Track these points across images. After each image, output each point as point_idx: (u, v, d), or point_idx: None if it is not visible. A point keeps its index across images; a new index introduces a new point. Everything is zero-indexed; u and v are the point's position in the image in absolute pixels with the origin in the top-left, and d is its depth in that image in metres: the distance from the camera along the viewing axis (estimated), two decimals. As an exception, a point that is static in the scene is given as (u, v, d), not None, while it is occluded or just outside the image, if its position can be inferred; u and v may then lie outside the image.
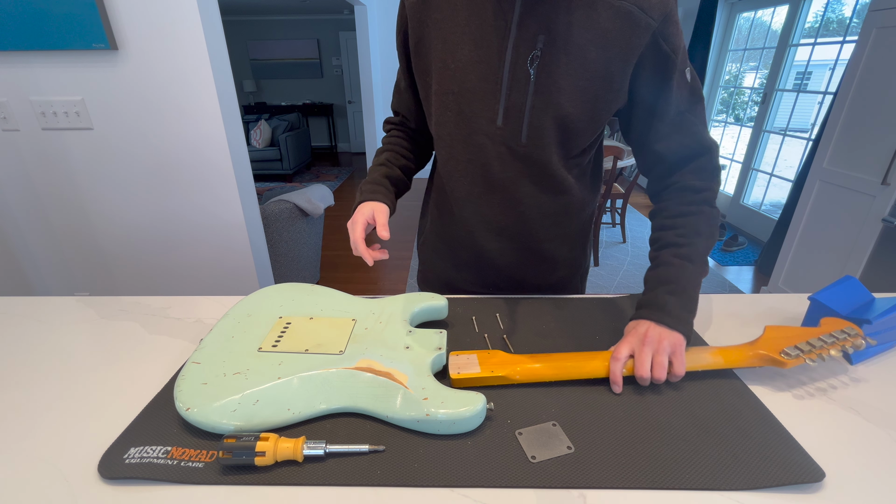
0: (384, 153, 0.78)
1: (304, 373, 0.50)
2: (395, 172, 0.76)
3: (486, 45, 0.60)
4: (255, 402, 0.47)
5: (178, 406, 0.47)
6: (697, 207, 0.62)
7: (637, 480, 0.42)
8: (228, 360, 0.53)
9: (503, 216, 0.72)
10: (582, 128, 0.63)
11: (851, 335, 0.55)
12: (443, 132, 0.69)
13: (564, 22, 0.57)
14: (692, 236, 0.61)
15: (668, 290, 0.58)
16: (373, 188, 0.71)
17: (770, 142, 3.47)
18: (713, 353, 0.56)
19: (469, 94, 0.63)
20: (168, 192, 1.50)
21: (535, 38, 0.58)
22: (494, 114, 0.63)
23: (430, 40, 0.63)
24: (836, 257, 2.06)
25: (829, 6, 2.99)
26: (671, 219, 0.63)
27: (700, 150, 0.63)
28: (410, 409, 0.47)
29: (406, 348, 0.55)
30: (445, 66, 0.63)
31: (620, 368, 0.53)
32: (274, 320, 0.61)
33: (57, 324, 0.70)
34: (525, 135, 0.63)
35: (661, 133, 0.63)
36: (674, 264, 0.59)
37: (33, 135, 1.40)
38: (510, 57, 0.59)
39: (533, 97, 0.60)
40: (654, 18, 0.56)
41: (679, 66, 0.60)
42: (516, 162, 0.66)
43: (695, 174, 0.64)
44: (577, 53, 0.58)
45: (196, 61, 1.31)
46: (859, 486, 0.42)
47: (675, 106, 0.62)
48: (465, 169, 0.70)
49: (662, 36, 0.57)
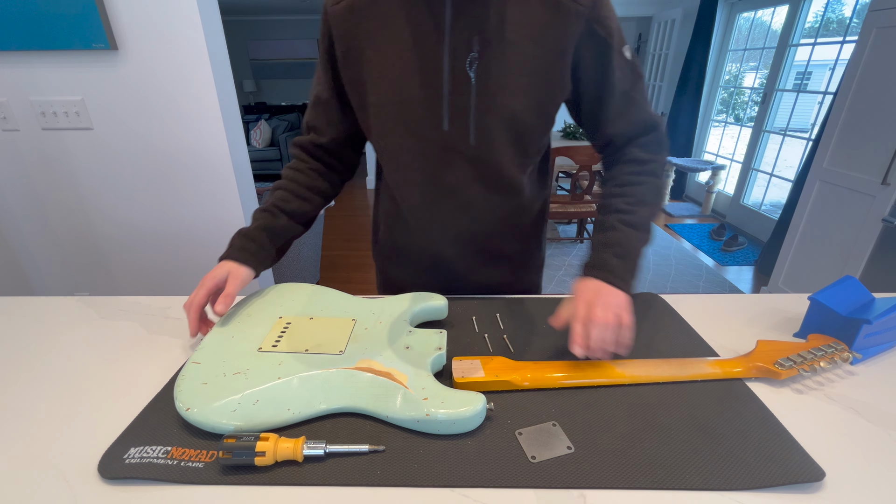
0: (277, 191, 0.71)
1: (304, 373, 0.50)
2: (280, 221, 0.69)
3: (422, 51, 0.59)
4: (255, 403, 0.47)
5: (178, 406, 0.47)
6: (645, 178, 0.66)
7: (637, 480, 0.42)
8: (228, 360, 0.53)
9: (457, 221, 0.72)
10: (531, 124, 0.64)
11: (838, 349, 0.57)
12: (387, 143, 0.67)
13: (497, 20, 0.57)
14: (638, 205, 0.63)
15: (614, 252, 0.60)
16: (243, 243, 0.65)
17: (770, 142, 3.47)
18: (710, 365, 0.57)
19: (411, 103, 0.62)
20: (168, 191, 1.50)
21: (469, 39, 0.58)
22: (439, 119, 0.62)
23: (362, 51, 0.61)
24: (836, 257, 2.06)
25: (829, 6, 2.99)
26: (620, 187, 0.66)
27: (647, 128, 0.67)
28: (410, 409, 0.47)
29: (406, 348, 0.55)
30: (382, 75, 0.61)
31: (584, 331, 0.53)
32: (274, 320, 0.61)
33: (57, 324, 0.70)
34: (473, 137, 0.63)
35: (609, 116, 0.65)
36: (620, 230, 0.62)
37: (33, 135, 1.40)
38: (448, 61, 0.59)
39: (476, 99, 0.60)
40: (583, 5, 0.57)
41: (616, 47, 0.61)
42: (466, 166, 0.66)
43: (642, 147, 0.67)
44: (514, 50, 0.58)
45: (196, 61, 1.31)
46: (859, 486, 0.42)
47: (619, 87, 0.63)
48: (415, 178, 0.68)
49: (595, 20, 0.59)
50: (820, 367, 0.56)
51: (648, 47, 4.88)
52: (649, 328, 0.67)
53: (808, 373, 0.57)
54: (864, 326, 0.58)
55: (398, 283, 0.84)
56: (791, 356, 0.57)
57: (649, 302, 0.75)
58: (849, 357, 0.57)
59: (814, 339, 0.61)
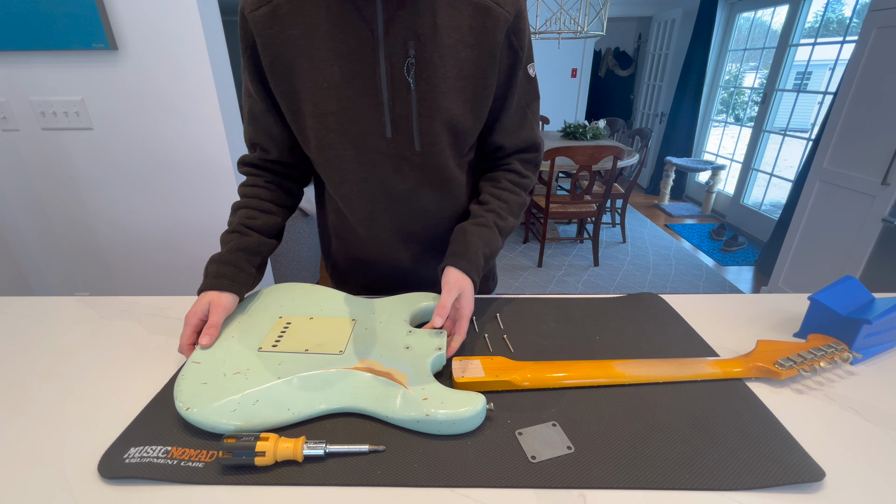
0: (239, 210, 0.68)
1: (304, 373, 0.50)
2: (252, 239, 0.66)
3: (356, 58, 0.57)
4: (254, 402, 0.47)
5: (178, 406, 0.47)
6: (520, 191, 0.72)
7: (637, 480, 0.42)
8: (228, 360, 0.53)
9: (409, 225, 0.72)
10: (468, 126, 0.64)
11: (838, 349, 0.58)
12: (328, 155, 0.65)
13: (430, 25, 0.56)
14: (509, 213, 0.70)
15: (483, 252, 0.66)
16: (218, 270, 0.62)
17: (770, 142, 3.47)
18: (710, 365, 0.57)
19: (350, 112, 0.60)
20: (168, 191, 1.50)
21: (405, 44, 0.57)
22: (382, 127, 0.61)
23: (291, 59, 0.58)
24: (836, 257, 2.06)
25: (829, 6, 2.99)
26: (502, 191, 0.71)
27: (532, 146, 0.72)
28: (410, 410, 0.47)
29: (406, 348, 0.55)
30: (317, 85, 0.59)
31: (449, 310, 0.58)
32: (274, 320, 0.61)
33: (57, 324, 0.70)
34: (418, 143, 0.63)
35: (505, 126, 0.68)
36: (494, 230, 0.68)
37: (33, 135, 1.40)
38: (385, 67, 0.57)
39: (418, 105, 0.60)
40: (509, 13, 0.58)
41: (524, 63, 0.63)
42: (413, 172, 0.65)
43: (524, 164, 0.73)
44: (449, 55, 0.58)
45: (196, 61, 1.31)
46: (859, 486, 0.42)
47: (518, 100, 0.66)
48: (362, 189, 0.67)
49: (514, 32, 0.60)
50: (820, 367, 0.56)
51: (648, 47, 4.88)
52: (649, 328, 0.67)
53: (808, 373, 0.57)
54: (864, 326, 0.58)
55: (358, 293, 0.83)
56: (791, 356, 0.57)
57: (649, 302, 0.75)
58: (849, 357, 0.57)
59: (814, 339, 0.61)
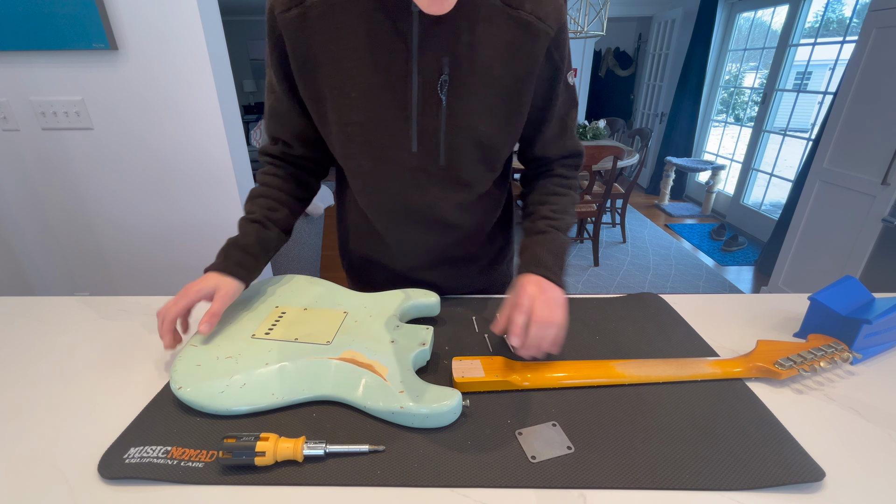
0: (260, 199, 0.67)
1: (290, 360, 0.52)
2: (272, 233, 0.66)
3: (387, 69, 0.55)
4: (241, 386, 0.50)
5: (172, 385, 0.50)
6: (567, 191, 0.71)
7: (637, 480, 0.42)
8: (223, 345, 0.55)
9: (429, 236, 0.72)
10: (500, 142, 0.64)
11: (838, 349, 0.58)
12: (351, 164, 0.64)
13: (466, 42, 0.54)
14: (562, 213, 0.68)
15: (549, 250, 0.63)
16: (240, 257, 0.61)
17: (770, 142, 3.47)
18: (710, 365, 0.57)
19: (376, 123, 0.58)
20: (168, 191, 1.50)
21: (439, 61, 0.55)
22: (408, 140, 0.59)
23: (319, 65, 0.56)
24: (836, 257, 2.06)
25: (829, 6, 2.99)
26: (546, 196, 0.70)
27: (573, 152, 0.72)
28: (386, 401, 0.48)
29: (391, 342, 0.56)
30: (344, 94, 0.57)
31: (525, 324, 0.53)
32: (270, 309, 0.63)
33: (57, 324, 0.70)
34: (443, 158, 0.62)
35: (546, 138, 0.68)
36: (550, 233, 0.65)
37: (33, 135, 1.40)
38: (417, 82, 0.56)
39: (447, 121, 0.58)
40: (551, 27, 0.57)
41: (564, 73, 0.62)
42: (435, 186, 0.64)
43: (565, 167, 0.72)
44: (483, 73, 0.56)
45: (196, 61, 1.31)
46: (859, 486, 0.42)
47: (558, 111, 0.65)
48: (382, 199, 0.67)
49: (555, 45, 0.59)
50: (820, 367, 0.57)
51: (648, 47, 4.88)
52: (649, 328, 0.67)
53: (808, 373, 0.57)
54: (864, 326, 0.58)
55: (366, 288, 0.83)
56: (791, 356, 0.57)
57: (649, 302, 0.75)
58: (849, 357, 0.57)
59: (814, 339, 0.61)
